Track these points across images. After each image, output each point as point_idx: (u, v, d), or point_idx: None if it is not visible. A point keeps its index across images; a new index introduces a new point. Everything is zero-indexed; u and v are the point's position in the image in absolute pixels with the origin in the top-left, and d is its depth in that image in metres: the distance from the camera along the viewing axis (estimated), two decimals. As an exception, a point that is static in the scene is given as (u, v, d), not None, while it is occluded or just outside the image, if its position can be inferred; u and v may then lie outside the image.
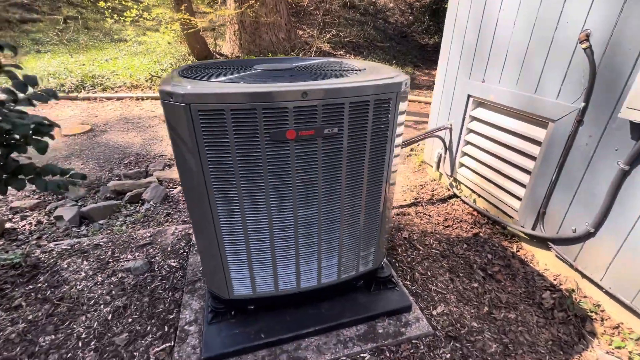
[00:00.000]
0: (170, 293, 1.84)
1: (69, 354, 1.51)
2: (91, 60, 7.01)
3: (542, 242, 2.11)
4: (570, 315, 1.72)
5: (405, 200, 2.85)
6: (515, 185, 2.28)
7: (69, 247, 2.24)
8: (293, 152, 1.17)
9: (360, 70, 1.39)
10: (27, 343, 1.56)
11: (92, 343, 1.56)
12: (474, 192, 2.68)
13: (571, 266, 1.91)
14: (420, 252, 2.21)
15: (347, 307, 1.66)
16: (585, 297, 1.84)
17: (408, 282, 1.94)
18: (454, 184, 2.90)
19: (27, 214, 2.77)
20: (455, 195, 2.84)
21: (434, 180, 3.16)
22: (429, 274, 2.02)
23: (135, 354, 1.51)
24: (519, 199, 2.24)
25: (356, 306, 1.66)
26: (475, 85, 2.48)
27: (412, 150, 3.94)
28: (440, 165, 3.01)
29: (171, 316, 1.70)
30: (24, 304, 1.77)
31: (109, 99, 5.71)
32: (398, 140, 1.38)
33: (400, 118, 1.32)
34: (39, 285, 1.91)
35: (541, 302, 1.81)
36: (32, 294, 1.84)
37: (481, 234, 2.38)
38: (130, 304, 1.77)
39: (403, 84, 1.24)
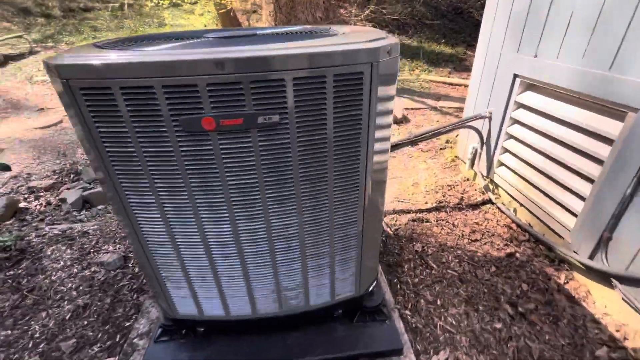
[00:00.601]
0: (134, 295, 1.67)
1: (17, 355, 1.41)
2: (135, 45, 7.25)
3: (604, 276, 1.56)
4: (635, 390, 1.21)
5: (426, 203, 2.39)
6: (571, 196, 1.72)
7: (60, 233, 2.19)
8: (217, 147, 0.85)
9: (337, 34, 1.01)
10: (-18, 337, 1.49)
11: (42, 345, 1.44)
12: (514, 199, 2.13)
13: (645, 316, 1.37)
14: (433, 271, 1.78)
15: (320, 340, 1.33)
16: (663, 363, 1.30)
17: (408, 312, 1.55)
18: (490, 186, 2.36)
19: (41, 194, 2.84)
20: (490, 201, 2.31)
21: (466, 180, 2.62)
22: (438, 302, 1.60)
23: (76, 364, 1.36)
24: (575, 214, 1.69)
25: (331, 341, 1.33)
26: (524, 61, 1.91)
27: (447, 142, 3.38)
28: (475, 163, 2.47)
29: (127, 323, 1.53)
30: (-3, 291, 1.73)
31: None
32: (382, 133, 0.99)
33: (381, 106, 0.92)
34: (20, 272, 1.86)
35: (592, 363, 1.31)
36: (9, 281, 1.80)
37: (518, 255, 1.87)
38: (92, 304, 1.63)
39: (382, 52, 0.84)
